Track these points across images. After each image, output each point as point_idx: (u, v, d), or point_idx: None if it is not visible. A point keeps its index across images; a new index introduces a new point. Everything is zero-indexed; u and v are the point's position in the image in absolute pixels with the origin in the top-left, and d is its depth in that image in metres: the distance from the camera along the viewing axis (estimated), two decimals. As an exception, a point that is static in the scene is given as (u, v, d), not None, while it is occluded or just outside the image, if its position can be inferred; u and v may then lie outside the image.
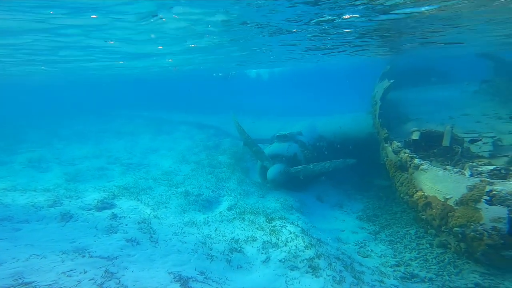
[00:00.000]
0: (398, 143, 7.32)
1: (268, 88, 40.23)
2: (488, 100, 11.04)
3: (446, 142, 7.14)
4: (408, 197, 6.37)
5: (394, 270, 5.77)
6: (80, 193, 8.92)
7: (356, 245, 7.06)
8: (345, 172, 10.97)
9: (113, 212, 7.21)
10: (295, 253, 5.96)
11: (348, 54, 16.88)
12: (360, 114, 13.05)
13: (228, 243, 6.21)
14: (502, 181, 4.87)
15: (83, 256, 5.12)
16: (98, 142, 18.67)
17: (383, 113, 9.40)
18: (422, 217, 6.14)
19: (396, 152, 7.06)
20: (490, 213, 4.60)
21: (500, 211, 4.54)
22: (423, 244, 6.53)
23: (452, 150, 7.08)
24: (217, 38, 11.91)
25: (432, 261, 5.87)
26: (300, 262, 5.71)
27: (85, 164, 13.29)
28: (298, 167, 9.88)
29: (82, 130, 23.22)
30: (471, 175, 5.61)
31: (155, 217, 7.33)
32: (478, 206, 4.74)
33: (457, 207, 5.00)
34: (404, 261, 6.07)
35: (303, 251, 6.00)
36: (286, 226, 7.07)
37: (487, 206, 4.66)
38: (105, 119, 29.23)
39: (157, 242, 6.04)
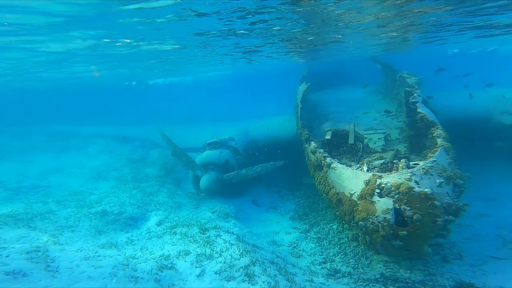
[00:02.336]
0: (315, 144, 7.43)
1: (200, 94, 39.35)
2: (381, 99, 12.05)
3: (351, 140, 7.63)
4: (325, 195, 6.47)
5: (322, 268, 5.98)
6: None
7: (289, 246, 7.24)
8: (278, 173, 11.35)
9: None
10: (230, 262, 5.76)
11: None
12: (288, 116, 13.75)
13: (156, 261, 5.59)
14: (387, 174, 5.07)
15: None
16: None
17: (304, 114, 9.87)
18: (336, 213, 6.26)
19: (314, 152, 7.16)
20: (381, 205, 4.73)
21: (387, 202, 4.67)
22: (343, 239, 6.92)
23: (356, 147, 7.55)
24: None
25: (350, 255, 6.21)
26: (236, 271, 5.54)
27: None
28: (231, 173, 9.82)
29: None
30: (367, 170, 5.90)
31: (55, 243, 6.08)
32: (373, 200, 4.86)
33: (359, 202, 5.11)
34: (329, 257, 6.34)
35: (239, 259, 5.85)
36: (221, 235, 6.84)
37: (378, 199, 4.79)
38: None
39: (57, 271, 4.93)
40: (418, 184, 4.70)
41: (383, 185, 4.81)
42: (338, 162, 6.23)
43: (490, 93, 10.99)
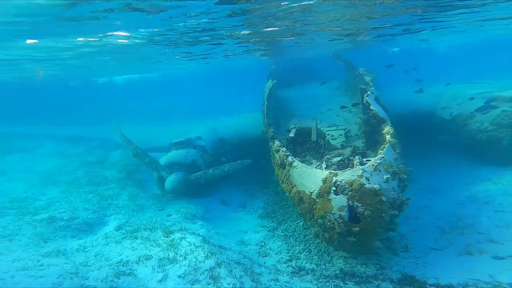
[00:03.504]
0: (278, 142, 7.37)
1: (168, 91, 37.77)
2: (344, 95, 12.18)
3: (313, 137, 7.66)
4: (288, 193, 6.42)
5: (287, 266, 5.94)
6: None
7: (257, 245, 7.17)
8: (248, 171, 11.15)
9: None
10: (195, 265, 5.57)
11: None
12: (258, 114, 13.66)
13: (113, 268, 5.21)
14: (342, 171, 5.12)
15: None
16: None
17: (270, 112, 9.86)
18: (299, 211, 6.23)
19: (277, 151, 7.08)
20: (336, 203, 4.79)
21: (342, 200, 4.75)
22: (308, 235, 6.90)
23: (318, 144, 7.61)
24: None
25: (313, 251, 6.24)
26: (201, 274, 5.36)
27: None
28: (198, 173, 9.56)
29: None
30: (326, 168, 5.93)
31: (-16, 255, 5.44)
32: (330, 197, 4.89)
33: (318, 200, 5.13)
34: (295, 254, 6.31)
35: (204, 262, 5.69)
36: (186, 238, 6.59)
37: (334, 196, 4.84)
38: None
39: (-18, 284, 4.43)
40: (369, 180, 4.82)
41: (338, 183, 4.88)
42: (299, 160, 6.23)
43: (433, 89, 11.86)
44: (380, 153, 5.49)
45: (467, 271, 4.88)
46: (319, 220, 5.09)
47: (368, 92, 8.04)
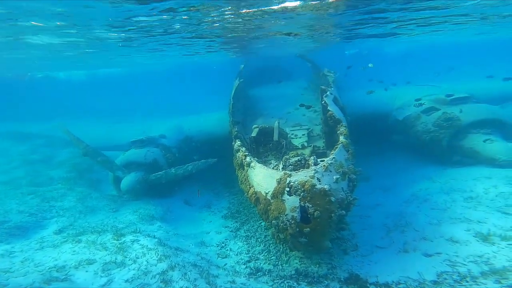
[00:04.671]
0: (239, 142, 7.27)
1: (134, 88, 35.92)
2: (311, 94, 12.25)
3: (275, 136, 7.59)
4: (246, 194, 6.29)
5: (246, 267, 5.83)
6: None
7: (217, 246, 7.00)
8: (215, 171, 10.84)
9: None
10: (146, 269, 5.26)
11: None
12: (226, 113, 13.46)
13: (43, 274, 4.76)
14: (296, 172, 5.08)
15: None
16: None
17: (235, 111, 9.76)
18: (256, 212, 6.12)
19: (237, 151, 6.97)
20: (289, 204, 4.75)
21: (295, 200, 4.70)
22: (268, 236, 6.82)
23: (280, 144, 7.56)
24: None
25: (272, 252, 6.16)
26: (151, 278, 5.08)
27: None
28: (159, 173, 9.16)
29: None
30: (283, 168, 5.87)
31: None
32: (283, 198, 4.84)
33: (272, 201, 5.05)
34: (254, 255, 6.20)
35: (156, 265, 5.39)
36: (139, 240, 6.21)
37: (288, 197, 4.80)
38: None
39: None
40: (320, 181, 4.81)
41: (291, 184, 4.83)
42: (258, 160, 6.18)
43: (390, 91, 12.49)
44: (332, 153, 5.56)
45: (401, 269, 5.03)
46: (273, 221, 5.04)
47: (327, 93, 8.18)
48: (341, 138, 6.27)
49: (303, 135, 8.45)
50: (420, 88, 12.18)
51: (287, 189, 4.89)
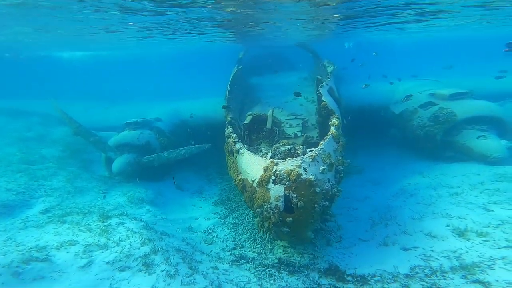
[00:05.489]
0: (230, 128, 7.23)
1: (136, 71, 35.40)
2: (311, 85, 12.15)
3: (269, 124, 7.63)
4: (234, 180, 6.31)
5: (230, 254, 5.84)
6: None
7: (204, 233, 7.04)
8: (209, 156, 10.72)
9: None
10: (128, 252, 5.31)
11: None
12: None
13: (23, 254, 4.81)
14: (283, 161, 5.03)
15: None
16: None
17: (232, 97, 9.68)
18: (243, 199, 6.10)
19: (228, 137, 6.93)
20: (274, 193, 4.72)
21: (279, 189, 4.67)
22: (256, 224, 6.62)
23: (273, 132, 7.57)
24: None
25: (258, 240, 6.16)
26: (133, 261, 5.14)
27: None
28: (151, 156, 9.14)
29: None
30: (271, 157, 5.87)
31: None
32: (268, 187, 4.81)
33: (258, 189, 5.02)
34: (240, 243, 6.22)
35: (139, 249, 5.44)
36: (125, 223, 6.25)
37: (273, 186, 4.76)
38: None
39: None
40: (306, 171, 4.76)
41: (277, 172, 4.79)
42: (247, 148, 6.11)
43: (388, 85, 12.15)
44: (321, 144, 5.48)
45: (379, 262, 5.05)
46: (257, 209, 5.01)
47: (323, 84, 8.07)
48: (332, 129, 6.17)
49: (297, 124, 8.39)
50: (421, 83, 11.85)
51: (273, 177, 4.83)
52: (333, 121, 6.63)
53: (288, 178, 4.70)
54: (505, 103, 11.15)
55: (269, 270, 5.24)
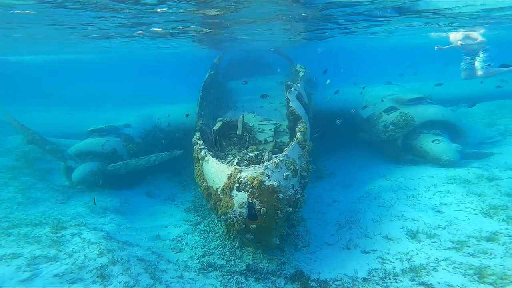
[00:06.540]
0: (198, 134, 7.12)
1: (106, 75, 34.09)
2: (283, 90, 12.37)
3: (239, 130, 7.57)
4: (200, 188, 6.18)
5: (198, 262, 5.66)
6: None
7: (173, 241, 6.72)
8: (183, 162, 10.47)
9: None
10: (82, 263, 4.92)
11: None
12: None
13: None
14: (247, 168, 5.00)
15: None
16: None
17: (203, 103, 9.52)
18: (209, 207, 5.97)
19: (195, 144, 6.82)
20: (237, 200, 4.69)
21: (243, 196, 4.64)
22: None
23: (243, 138, 7.52)
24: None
25: (228, 247, 6.02)
26: (87, 273, 4.77)
27: None
28: (118, 163, 8.71)
29: None
30: (238, 163, 5.78)
31: None
32: (232, 194, 4.78)
33: (222, 196, 4.99)
34: (209, 250, 6.06)
35: (95, 260, 5.04)
36: (82, 234, 5.80)
37: (236, 193, 4.74)
38: None
39: None
40: (269, 177, 4.75)
41: (241, 179, 4.76)
42: (212, 155, 6.05)
43: (358, 89, 12.59)
44: (285, 150, 5.50)
45: (341, 266, 5.08)
46: (222, 217, 4.94)
47: (292, 89, 8.11)
48: (298, 135, 6.20)
49: (269, 129, 8.37)
50: (386, 88, 12.30)
51: (237, 184, 4.78)
52: (299, 126, 6.66)
53: (251, 185, 4.65)
54: (458, 108, 11.84)
55: (236, 278, 5.08)
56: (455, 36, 11.42)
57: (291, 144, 5.77)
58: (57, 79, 30.93)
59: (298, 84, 8.99)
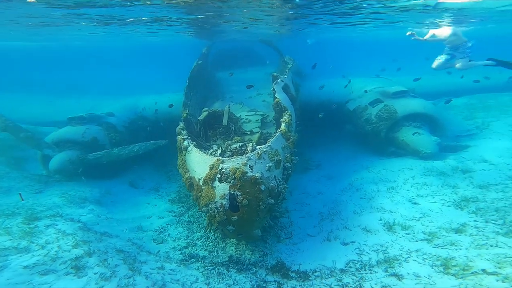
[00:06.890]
0: (182, 124, 6.96)
1: (92, 63, 32.78)
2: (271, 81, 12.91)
3: (225, 121, 7.51)
4: (182, 178, 6.06)
5: (181, 253, 5.57)
6: None
7: (156, 232, 6.58)
8: (170, 151, 10.31)
9: None
10: (55, 255, 4.73)
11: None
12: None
13: None
14: (229, 159, 4.92)
15: None
16: None
17: (189, 93, 9.32)
18: (191, 198, 5.93)
19: (178, 133, 6.68)
20: (219, 191, 4.63)
21: (224, 188, 4.58)
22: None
23: (229, 128, 7.47)
24: None
25: (211, 238, 5.96)
26: (60, 264, 4.59)
27: None
28: (99, 152, 8.44)
29: None
30: (221, 154, 5.74)
31: None
32: (214, 185, 4.71)
33: (204, 187, 4.90)
34: (193, 241, 5.97)
35: (69, 251, 4.86)
36: (57, 225, 5.58)
37: (218, 184, 4.67)
38: None
39: None
40: (252, 169, 4.70)
41: (223, 170, 4.69)
42: (195, 145, 5.94)
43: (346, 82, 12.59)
44: (269, 141, 5.43)
45: (321, 257, 5.09)
46: (203, 208, 4.85)
47: (278, 80, 8.02)
48: (282, 126, 6.13)
49: (256, 120, 8.26)
50: (372, 81, 12.30)
51: (218, 175, 4.70)
52: (284, 117, 6.59)
53: (233, 176, 4.58)
54: (439, 102, 12.00)
55: (218, 269, 5.03)
56: (442, 32, 11.48)
57: (275, 135, 5.69)
58: (39, 66, 29.59)
59: (285, 76, 8.87)
